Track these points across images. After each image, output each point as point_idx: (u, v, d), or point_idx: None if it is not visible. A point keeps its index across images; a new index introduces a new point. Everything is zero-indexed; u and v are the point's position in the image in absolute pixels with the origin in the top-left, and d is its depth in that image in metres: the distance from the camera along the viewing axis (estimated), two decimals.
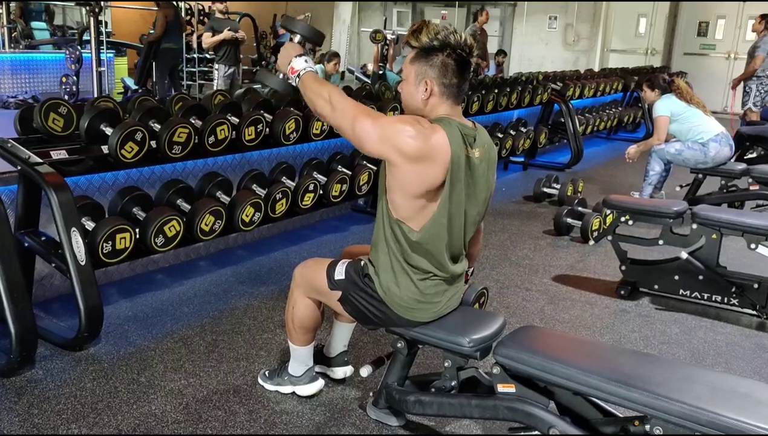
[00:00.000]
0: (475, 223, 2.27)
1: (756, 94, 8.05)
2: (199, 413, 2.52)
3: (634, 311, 3.69)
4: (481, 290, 2.74)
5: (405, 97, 2.19)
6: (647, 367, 2.03)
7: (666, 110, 5.41)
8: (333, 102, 2.12)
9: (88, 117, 3.29)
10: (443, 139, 2.05)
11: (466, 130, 2.13)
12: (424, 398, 2.31)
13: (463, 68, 2.11)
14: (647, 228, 4.26)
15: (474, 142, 2.14)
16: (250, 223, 3.79)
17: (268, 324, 3.28)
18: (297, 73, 2.24)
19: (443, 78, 2.10)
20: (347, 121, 2.09)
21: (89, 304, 2.83)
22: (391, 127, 2.06)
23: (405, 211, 2.13)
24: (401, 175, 2.07)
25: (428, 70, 2.10)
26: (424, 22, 2.12)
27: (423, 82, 2.11)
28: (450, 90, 2.12)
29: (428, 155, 2.03)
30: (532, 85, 7.15)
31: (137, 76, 9.48)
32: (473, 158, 2.13)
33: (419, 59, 2.11)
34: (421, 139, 2.02)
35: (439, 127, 2.08)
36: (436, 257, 2.17)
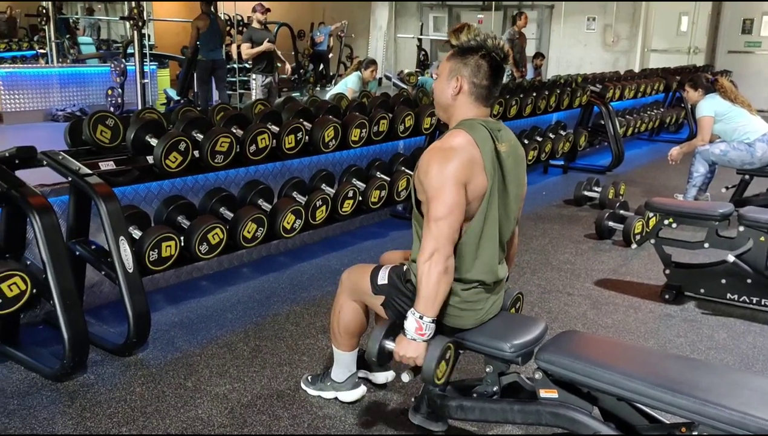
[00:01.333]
0: (511, 220, 2.27)
1: None
2: (243, 417, 2.56)
3: (679, 315, 3.63)
4: (517, 295, 2.71)
5: (436, 93, 2.25)
6: (694, 372, 2.00)
7: (710, 110, 5.30)
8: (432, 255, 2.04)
9: (134, 128, 3.39)
10: (464, 138, 2.10)
11: (490, 124, 2.16)
12: (466, 403, 2.31)
13: (495, 72, 2.15)
14: (692, 231, 4.20)
15: (500, 135, 2.18)
16: (291, 230, 3.85)
17: (310, 330, 3.32)
18: (423, 325, 2.08)
19: (474, 78, 2.14)
20: (444, 234, 2.04)
21: (137, 310, 2.91)
22: (439, 182, 2.04)
23: None
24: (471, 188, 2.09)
25: (462, 68, 2.15)
26: (466, 24, 2.17)
27: (455, 79, 2.16)
28: (479, 90, 2.15)
29: (467, 156, 2.07)
30: (571, 88, 7.08)
31: (179, 87, 9.70)
32: (501, 152, 2.16)
33: (455, 57, 2.17)
34: (451, 154, 2.06)
35: (459, 129, 2.13)
36: (479, 256, 2.17)
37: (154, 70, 10.40)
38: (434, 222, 2.05)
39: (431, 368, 2.10)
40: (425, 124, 4.98)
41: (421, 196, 2.15)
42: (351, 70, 7.83)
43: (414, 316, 2.10)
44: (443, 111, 2.26)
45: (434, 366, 2.10)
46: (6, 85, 8.74)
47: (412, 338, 2.11)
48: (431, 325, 2.10)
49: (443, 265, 2.05)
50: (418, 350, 2.11)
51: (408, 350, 2.12)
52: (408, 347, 2.12)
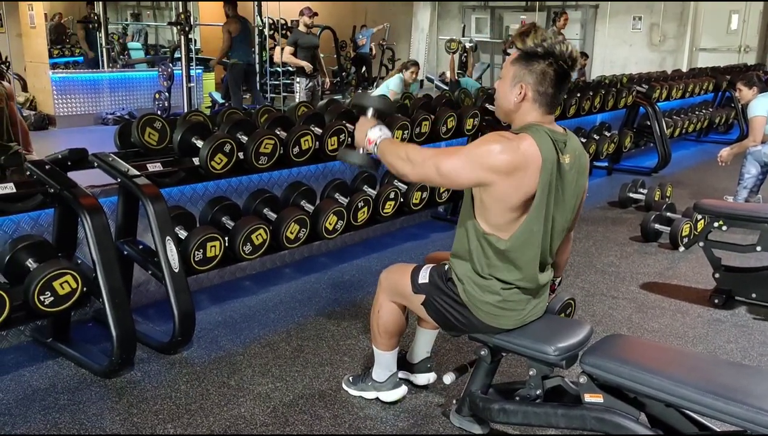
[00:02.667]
0: (564, 230, 2.23)
1: None
2: (285, 416, 2.59)
3: (729, 320, 3.53)
4: (568, 300, 2.68)
5: (498, 96, 2.18)
6: (746, 379, 1.94)
7: (763, 109, 5.14)
8: (411, 157, 2.15)
9: (180, 131, 3.46)
10: (532, 146, 2.03)
11: (556, 135, 2.10)
12: (508, 406, 2.29)
13: (561, 80, 2.08)
14: (743, 234, 4.08)
15: (564, 147, 2.11)
16: (333, 231, 3.87)
17: (352, 330, 3.34)
18: (374, 142, 2.26)
19: (539, 86, 2.07)
20: (431, 168, 2.11)
21: (182, 309, 2.97)
22: (477, 151, 2.05)
23: (498, 224, 2.12)
24: (499, 193, 2.05)
25: (526, 75, 2.08)
26: (534, 26, 2.08)
27: (518, 86, 2.09)
28: (544, 99, 2.09)
29: (521, 165, 2.01)
30: (616, 88, 6.95)
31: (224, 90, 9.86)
32: (564, 164, 2.10)
33: (520, 62, 2.09)
34: (511, 152, 2.01)
35: (527, 134, 2.06)
36: (522, 265, 2.15)
37: (200, 74, 10.59)
38: (436, 158, 2.10)
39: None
40: (467, 126, 4.95)
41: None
42: (394, 72, 7.85)
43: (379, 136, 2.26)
44: (505, 115, 2.20)
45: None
46: (59, 90, 9.00)
47: (364, 136, 2.29)
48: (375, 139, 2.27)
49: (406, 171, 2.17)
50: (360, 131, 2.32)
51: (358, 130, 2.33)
52: (360, 128, 2.33)
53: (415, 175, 2.17)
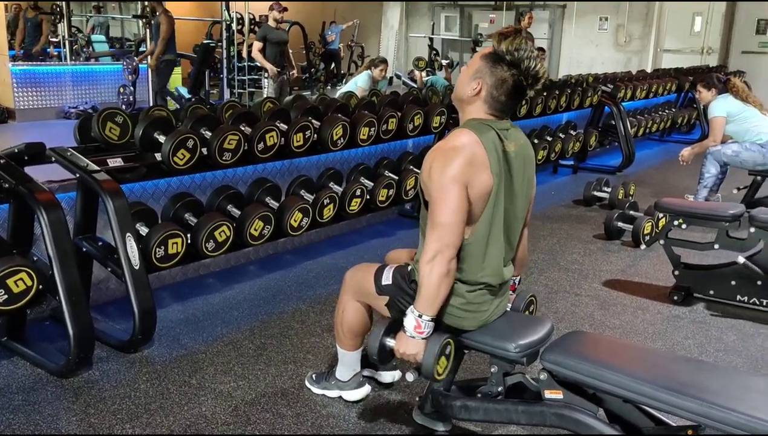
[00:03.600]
0: (519, 220, 2.25)
1: None
2: (247, 415, 2.56)
3: (687, 317, 3.59)
4: (530, 298, 2.69)
5: (458, 81, 2.19)
6: (702, 375, 1.97)
7: (722, 111, 5.25)
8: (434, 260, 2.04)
9: (142, 125, 3.40)
10: (469, 137, 2.06)
11: (498, 125, 2.12)
12: (470, 403, 2.29)
13: (516, 92, 2.09)
14: (702, 232, 4.15)
15: (507, 134, 2.14)
16: (298, 228, 3.84)
17: (316, 328, 3.32)
18: (422, 324, 2.10)
19: (494, 90, 2.09)
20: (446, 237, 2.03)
21: (143, 307, 2.92)
22: (441, 183, 2.03)
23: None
24: (473, 188, 2.06)
25: (488, 74, 2.09)
26: (517, 33, 2.08)
27: (477, 81, 2.11)
28: (494, 103, 2.11)
29: (471, 154, 2.04)
30: (582, 88, 7.04)
31: (190, 85, 9.73)
32: (510, 152, 2.12)
33: (488, 60, 2.10)
34: (453, 154, 2.03)
35: (464, 129, 2.10)
36: (486, 258, 2.16)
37: None
38: (438, 226, 2.04)
39: (431, 364, 2.11)
40: (434, 123, 4.96)
41: (427, 196, 2.13)
42: (363, 69, 7.83)
43: (413, 314, 2.10)
44: (458, 102, 2.21)
45: (434, 362, 2.10)
46: (19, 83, 8.79)
47: (411, 336, 2.11)
48: (430, 323, 2.11)
49: (446, 267, 2.05)
50: (417, 347, 2.11)
51: (408, 347, 2.13)
52: (407, 344, 2.13)
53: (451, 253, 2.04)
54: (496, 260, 2.18)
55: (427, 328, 2.10)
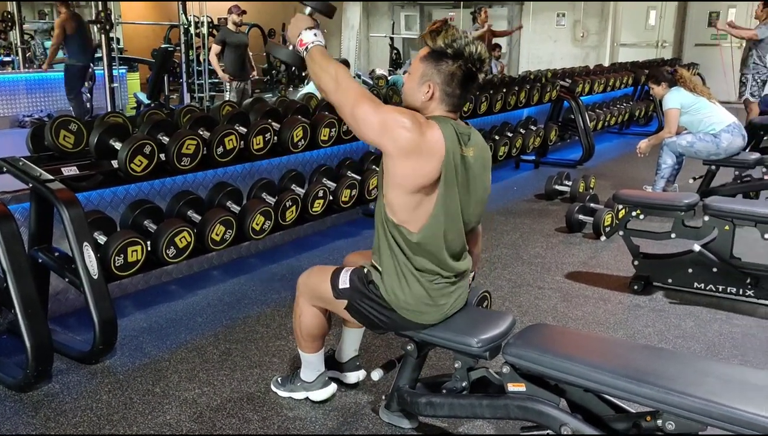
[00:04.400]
0: (472, 222, 2.27)
1: (753, 84, 7.94)
2: (213, 421, 2.54)
3: (647, 305, 3.67)
4: (483, 293, 2.72)
5: (406, 91, 2.19)
6: (659, 361, 2.01)
7: (676, 102, 5.36)
8: (339, 79, 2.10)
9: (97, 133, 3.34)
10: (438, 135, 2.06)
11: (460, 129, 2.14)
12: (435, 399, 2.31)
13: (468, 81, 2.10)
14: (660, 222, 4.24)
15: (468, 140, 2.15)
16: (260, 231, 3.82)
17: (281, 331, 3.30)
18: (305, 46, 2.18)
19: (447, 86, 2.09)
20: (349, 101, 2.08)
21: (103, 317, 2.87)
22: (390, 116, 2.05)
23: (402, 212, 2.13)
24: (396, 170, 2.06)
25: (435, 74, 2.09)
26: (445, 25, 2.09)
27: (426, 84, 2.11)
28: (450, 99, 2.12)
29: (422, 149, 2.03)
30: (541, 83, 7.12)
31: (149, 91, 9.60)
32: (468, 157, 2.14)
33: (429, 60, 2.10)
34: (416, 133, 2.03)
35: (435, 123, 2.09)
36: (437, 256, 2.17)
37: (124, 74, 10.27)
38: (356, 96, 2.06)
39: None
40: None
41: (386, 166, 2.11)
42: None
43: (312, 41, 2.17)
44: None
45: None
46: None
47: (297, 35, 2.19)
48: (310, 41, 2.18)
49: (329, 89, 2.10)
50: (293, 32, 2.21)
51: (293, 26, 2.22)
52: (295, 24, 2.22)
53: (335, 97, 2.11)
54: (446, 257, 2.19)
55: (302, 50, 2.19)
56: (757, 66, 7.84)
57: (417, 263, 2.17)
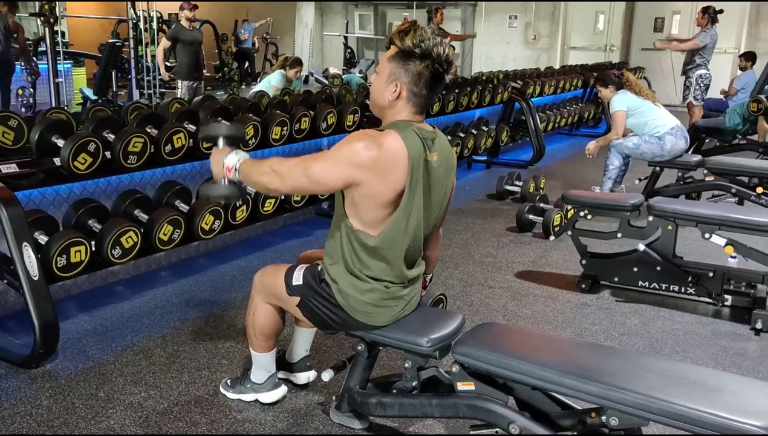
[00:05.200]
0: (432, 227, 2.28)
1: (696, 87, 8.19)
2: (159, 425, 2.48)
3: (594, 303, 3.74)
4: (439, 296, 2.72)
5: (373, 90, 2.18)
6: (603, 359, 2.06)
7: (622, 105, 5.49)
8: (277, 170, 2.12)
9: (38, 129, 3.24)
10: (396, 142, 2.05)
11: (424, 133, 2.12)
12: (385, 399, 2.31)
13: (435, 82, 2.10)
14: (607, 222, 4.33)
15: (432, 145, 2.14)
16: (210, 231, 3.76)
17: (231, 332, 3.25)
18: (233, 169, 2.20)
19: (414, 86, 2.09)
20: (299, 176, 2.08)
21: (44, 319, 2.78)
22: (342, 151, 2.04)
23: (368, 221, 2.12)
24: (370, 190, 2.05)
25: (402, 73, 2.08)
26: (414, 25, 2.08)
27: (394, 84, 2.10)
28: (417, 99, 2.11)
29: (385, 161, 2.02)
30: (493, 84, 7.20)
31: (96, 86, 9.35)
32: (432, 162, 2.13)
33: (397, 60, 2.09)
34: (374, 148, 2.02)
35: (392, 130, 2.07)
36: (391, 261, 2.17)
37: (69, 69, 9.96)
38: (302, 164, 2.08)
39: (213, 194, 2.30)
40: (348, 122, 4.96)
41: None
42: (276, 68, 7.72)
43: (237, 159, 2.20)
44: (378, 111, 2.21)
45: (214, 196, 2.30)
46: None
47: (222, 166, 2.22)
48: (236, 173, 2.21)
49: (272, 186, 2.16)
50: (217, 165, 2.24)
51: (213, 163, 2.26)
52: (215, 162, 2.25)
53: (285, 187, 2.15)
54: (401, 262, 2.19)
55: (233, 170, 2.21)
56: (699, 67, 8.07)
57: (371, 267, 2.16)
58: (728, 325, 3.48)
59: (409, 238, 2.16)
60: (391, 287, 2.21)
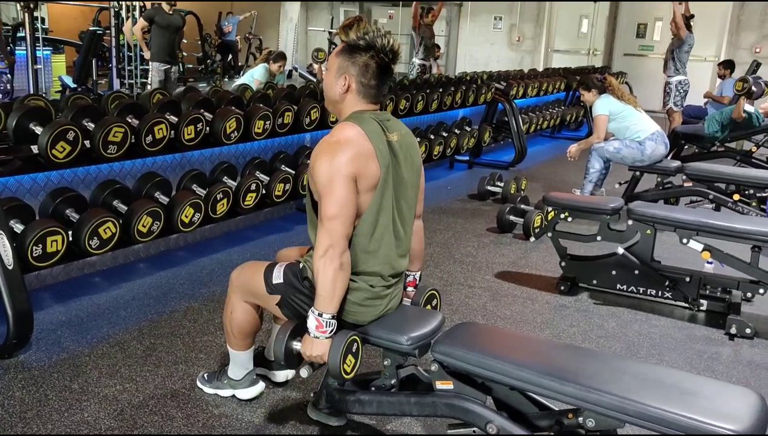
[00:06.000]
0: (410, 209, 2.27)
1: (675, 94, 8.29)
2: (134, 418, 2.45)
3: (573, 306, 3.77)
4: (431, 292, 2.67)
5: (325, 86, 2.23)
6: (580, 360, 2.07)
7: (605, 109, 5.53)
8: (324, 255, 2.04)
9: (16, 116, 3.19)
10: (353, 130, 2.08)
11: (380, 117, 2.16)
12: (363, 397, 2.30)
13: (383, 72, 2.14)
14: (588, 225, 4.36)
15: (389, 125, 2.18)
16: (189, 224, 3.73)
17: (209, 326, 3.23)
18: (324, 325, 2.08)
19: (362, 77, 2.13)
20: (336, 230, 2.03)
21: (18, 309, 2.74)
22: (330, 179, 2.03)
23: None
24: (364, 182, 2.07)
25: (350, 66, 2.12)
26: (357, 19, 2.13)
27: (342, 77, 2.13)
28: (367, 90, 2.15)
29: (356, 151, 2.05)
30: (477, 85, 7.23)
31: (76, 74, 9.21)
32: (393, 142, 2.16)
33: (344, 54, 2.14)
34: (341, 149, 2.04)
35: (348, 122, 2.12)
36: (376, 249, 2.16)
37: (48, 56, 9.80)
38: (327, 220, 2.04)
39: (337, 363, 2.09)
40: (332, 118, 4.94)
41: (316, 194, 2.11)
42: (260, 61, 7.65)
43: (314, 314, 2.09)
44: (332, 106, 2.24)
45: (339, 361, 2.09)
46: None
47: (315, 336, 2.09)
48: (332, 321, 2.09)
49: (338, 261, 2.04)
50: (323, 348, 2.09)
51: (314, 349, 2.11)
52: (313, 346, 2.11)
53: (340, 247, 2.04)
54: (386, 250, 2.19)
55: (329, 326, 2.09)
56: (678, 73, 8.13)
57: (357, 262, 2.15)
58: (703, 329, 3.53)
59: (388, 221, 2.16)
60: (376, 287, 2.20)
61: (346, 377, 2.15)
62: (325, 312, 2.08)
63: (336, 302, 2.09)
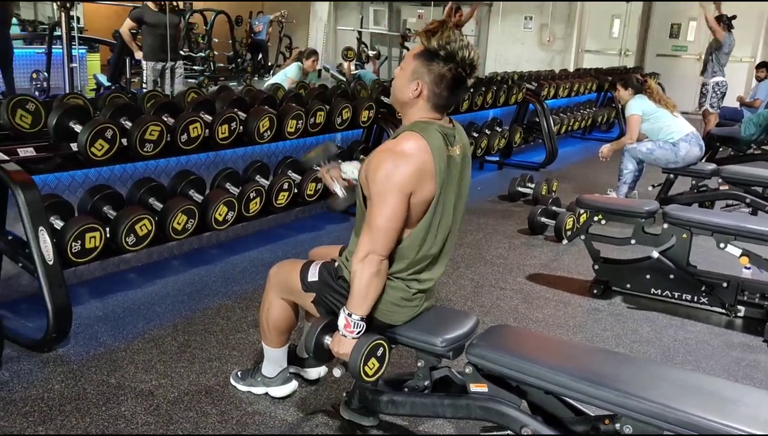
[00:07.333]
0: (456, 222, 2.27)
1: (712, 95, 8.15)
2: (170, 414, 2.49)
3: (606, 309, 3.73)
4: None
5: (395, 86, 2.17)
6: (617, 366, 2.05)
7: (638, 109, 5.46)
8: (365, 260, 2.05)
9: (56, 114, 3.25)
10: (418, 142, 2.04)
11: (445, 130, 2.12)
12: (396, 397, 2.30)
13: (457, 85, 2.08)
14: (621, 227, 4.31)
15: (454, 140, 2.15)
16: (223, 222, 3.76)
17: (242, 324, 3.26)
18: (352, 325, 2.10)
19: (436, 87, 2.07)
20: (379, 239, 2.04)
21: (57, 304, 2.79)
22: (384, 188, 2.01)
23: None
24: (418, 197, 2.05)
25: (425, 73, 2.07)
26: (443, 25, 2.05)
27: (416, 82, 2.08)
28: (438, 100, 2.10)
29: (419, 166, 2.02)
30: (507, 85, 7.18)
31: (110, 73, 9.34)
32: (454, 156, 2.13)
33: (421, 58, 2.07)
34: (403, 162, 2.01)
35: (413, 133, 2.07)
36: (419, 260, 2.16)
37: (84, 55, 9.96)
38: (374, 229, 2.04)
39: (356, 364, 2.10)
40: (362, 117, 4.95)
41: (367, 192, 2.11)
42: (291, 60, 7.69)
43: (344, 313, 2.10)
44: (399, 106, 2.20)
45: (359, 362, 2.09)
46: None
47: (343, 335, 2.10)
48: (360, 323, 2.10)
49: (376, 267, 2.05)
50: (348, 346, 2.11)
51: (340, 347, 2.13)
52: (340, 343, 2.13)
53: (381, 256, 2.06)
54: (429, 259, 2.19)
55: (357, 327, 2.10)
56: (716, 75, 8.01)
57: (397, 266, 2.15)
58: (741, 336, 3.47)
59: (437, 234, 2.15)
60: (412, 287, 2.20)
61: (367, 380, 2.16)
62: (355, 313, 2.09)
63: (367, 305, 2.10)
